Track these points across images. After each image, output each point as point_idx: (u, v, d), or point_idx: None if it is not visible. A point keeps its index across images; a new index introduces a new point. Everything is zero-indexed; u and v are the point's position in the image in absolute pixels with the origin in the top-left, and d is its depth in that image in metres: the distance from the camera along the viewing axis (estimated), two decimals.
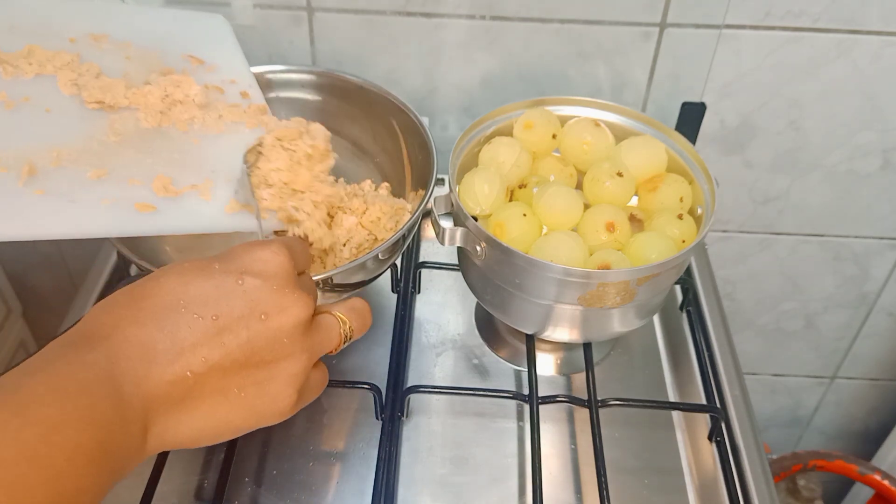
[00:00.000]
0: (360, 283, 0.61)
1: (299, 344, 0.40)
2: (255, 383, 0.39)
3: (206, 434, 0.39)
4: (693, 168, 0.64)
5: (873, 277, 1.00)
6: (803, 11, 0.76)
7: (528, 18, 0.77)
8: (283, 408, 0.41)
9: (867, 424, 1.21)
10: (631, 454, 0.61)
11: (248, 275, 0.39)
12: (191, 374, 0.36)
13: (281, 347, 0.39)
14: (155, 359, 0.36)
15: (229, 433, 0.40)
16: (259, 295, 0.39)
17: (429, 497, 0.57)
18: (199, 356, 0.37)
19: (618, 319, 0.60)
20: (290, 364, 0.40)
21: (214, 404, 0.38)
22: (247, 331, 0.38)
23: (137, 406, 0.35)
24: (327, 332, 0.44)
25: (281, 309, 0.39)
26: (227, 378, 0.38)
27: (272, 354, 0.39)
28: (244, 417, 0.39)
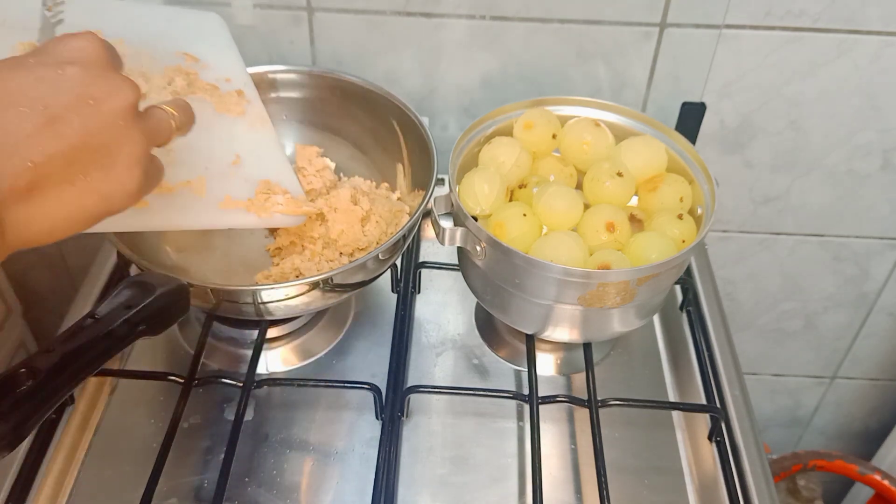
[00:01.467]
0: (359, 283, 0.61)
1: (135, 127, 0.41)
2: (100, 168, 0.40)
3: (61, 223, 0.39)
4: (693, 168, 0.64)
5: (873, 277, 1.00)
6: (803, 11, 0.76)
7: (528, 18, 0.77)
8: (131, 189, 0.41)
9: (867, 424, 1.21)
10: (631, 454, 0.61)
11: (67, 64, 0.39)
12: (31, 163, 0.37)
13: (117, 130, 0.40)
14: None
15: (83, 220, 0.40)
16: (83, 80, 0.39)
17: (429, 497, 0.57)
18: (36, 147, 0.37)
19: (618, 319, 0.60)
20: (130, 146, 0.41)
21: (62, 193, 0.38)
22: (78, 116, 0.38)
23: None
24: (158, 122, 0.44)
25: (108, 93, 0.40)
26: (70, 166, 0.38)
27: (110, 137, 0.40)
28: (95, 202, 0.40)
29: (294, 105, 0.74)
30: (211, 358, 0.66)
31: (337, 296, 0.60)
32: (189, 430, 0.61)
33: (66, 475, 0.58)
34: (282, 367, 0.66)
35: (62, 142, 0.38)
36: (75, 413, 0.62)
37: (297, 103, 0.74)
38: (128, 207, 0.42)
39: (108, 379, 0.65)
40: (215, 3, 0.76)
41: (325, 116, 0.74)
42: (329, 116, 0.74)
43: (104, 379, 0.65)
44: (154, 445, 0.59)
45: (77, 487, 0.58)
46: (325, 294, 0.58)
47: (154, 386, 0.64)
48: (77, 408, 0.62)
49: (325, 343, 0.68)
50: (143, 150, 0.42)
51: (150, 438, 0.60)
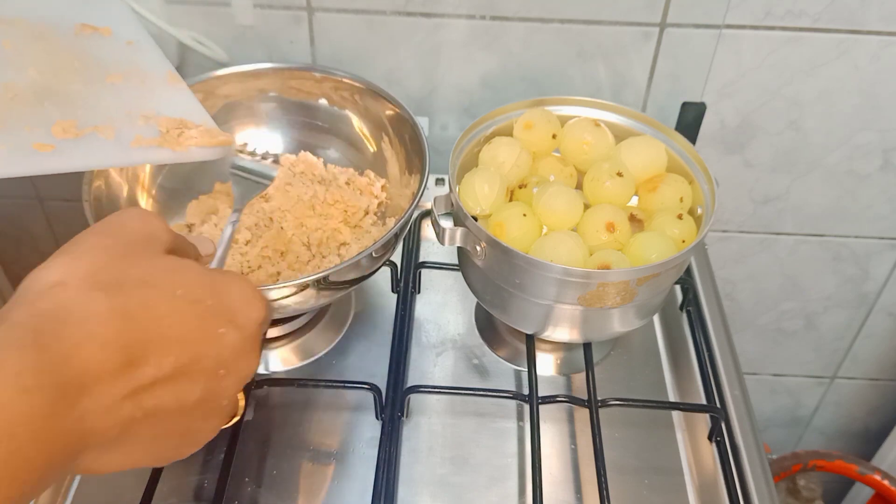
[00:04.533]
0: (355, 279, 0.60)
1: (234, 400, 0.39)
2: (188, 431, 0.37)
3: (127, 465, 0.36)
4: (693, 168, 0.64)
5: (873, 277, 1.00)
6: (803, 11, 0.76)
7: (528, 18, 0.76)
8: (199, 443, 0.39)
9: (867, 424, 1.21)
10: (631, 454, 0.61)
11: (232, 325, 0.37)
12: (140, 414, 0.34)
13: (218, 403, 0.38)
14: (102, 389, 0.32)
15: (168, 450, 0.38)
16: (231, 352, 0.37)
17: (429, 497, 0.57)
18: (151, 396, 0.34)
19: (618, 319, 0.60)
20: (220, 416, 0.39)
21: (145, 443, 0.35)
22: (203, 383, 0.36)
23: (75, 431, 0.31)
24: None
25: (238, 369, 0.37)
26: (165, 423, 0.35)
27: (210, 408, 0.37)
28: (165, 457, 0.38)
29: (288, 105, 0.74)
30: None
31: (331, 293, 0.60)
32: None
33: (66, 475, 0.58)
34: (282, 367, 0.66)
35: (174, 400, 0.35)
36: None
37: (291, 103, 0.74)
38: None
39: None
40: (215, 3, 0.76)
41: (318, 113, 0.74)
42: (322, 114, 0.74)
43: None
44: None
45: (77, 487, 0.58)
46: (320, 292, 0.58)
47: None
48: None
49: (325, 343, 0.68)
50: (225, 419, 0.39)
51: None
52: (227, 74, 0.71)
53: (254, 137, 0.73)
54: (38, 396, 0.30)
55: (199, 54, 0.78)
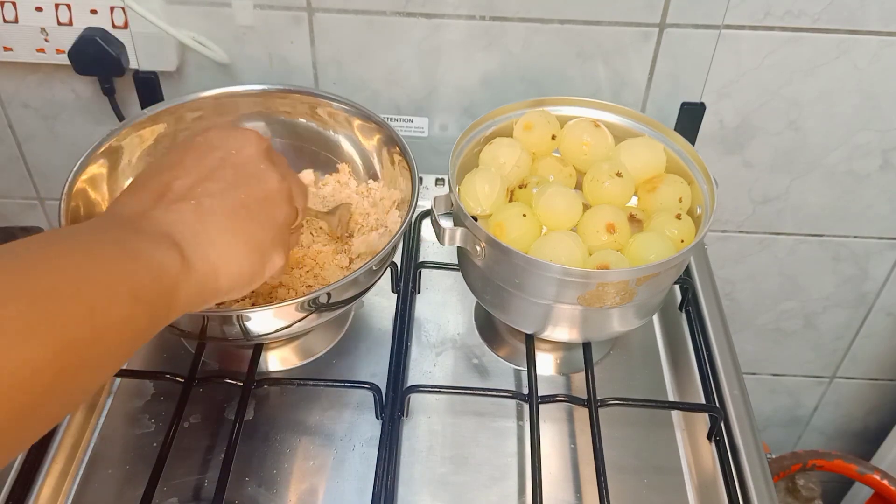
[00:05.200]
0: (352, 297, 0.60)
1: (273, 167, 0.49)
2: (257, 200, 0.46)
3: (241, 251, 0.45)
4: (692, 168, 0.64)
5: (872, 277, 1.00)
6: (803, 11, 0.76)
7: (528, 18, 0.77)
8: (287, 216, 0.49)
9: (866, 424, 1.22)
10: (630, 454, 0.61)
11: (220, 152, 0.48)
12: (194, 201, 0.44)
13: (259, 170, 0.48)
14: (157, 199, 0.44)
15: (260, 249, 0.46)
16: (220, 143, 0.49)
17: (429, 496, 0.58)
18: (195, 190, 0.44)
19: (617, 319, 0.60)
20: (275, 179, 0.48)
21: (232, 219, 0.44)
22: (225, 165, 0.47)
23: (153, 229, 0.41)
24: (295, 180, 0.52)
25: (244, 141, 0.49)
26: (229, 196, 0.45)
27: (257, 173, 0.47)
28: (260, 228, 0.46)
29: (284, 125, 0.73)
30: (211, 357, 0.66)
31: (330, 312, 0.60)
32: (189, 430, 0.61)
33: (66, 475, 0.58)
34: (282, 367, 0.66)
35: (217, 181, 0.46)
36: (75, 413, 0.62)
37: (285, 124, 0.73)
38: (275, 269, 0.48)
39: None
40: (215, 3, 0.76)
41: (309, 132, 0.74)
42: (312, 132, 0.74)
43: None
44: (154, 445, 0.59)
45: (77, 487, 0.58)
46: (320, 313, 0.58)
47: (154, 386, 0.64)
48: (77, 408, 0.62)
49: (325, 343, 0.68)
50: (283, 183, 0.49)
51: (150, 438, 0.60)
52: (213, 95, 0.70)
53: None
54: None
55: (199, 54, 0.78)
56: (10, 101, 0.86)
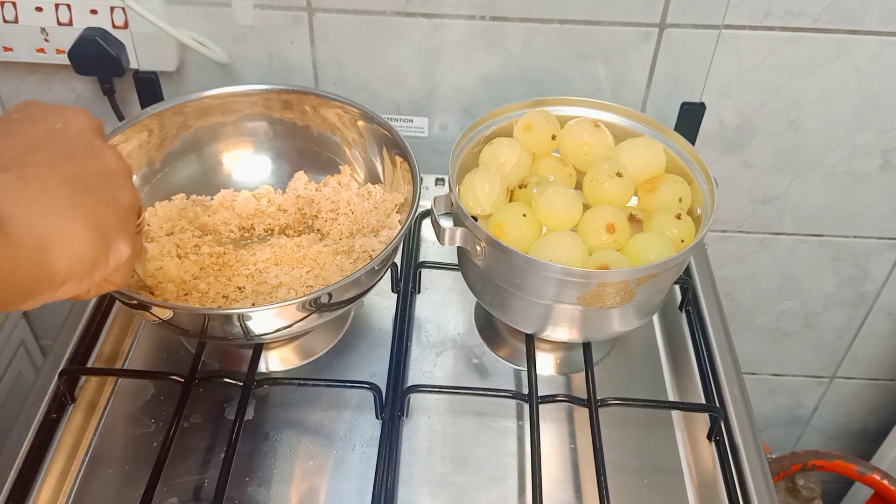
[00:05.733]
0: (353, 297, 0.60)
1: (110, 145, 0.43)
2: (95, 175, 0.41)
3: (79, 226, 0.38)
4: (692, 168, 0.64)
5: (872, 277, 1.00)
6: (803, 11, 0.76)
7: (528, 18, 0.77)
8: (132, 201, 0.43)
9: (866, 424, 1.22)
10: (630, 454, 0.61)
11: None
12: (15, 170, 0.38)
13: (94, 146, 0.42)
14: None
15: (103, 231, 0.40)
16: (43, 117, 0.43)
17: (429, 496, 0.58)
18: (15, 160, 0.39)
19: (617, 319, 0.60)
20: (114, 155, 0.43)
21: (67, 191, 0.39)
22: (51, 138, 0.41)
23: None
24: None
25: (70, 116, 0.43)
26: (61, 167, 0.39)
27: (92, 148, 0.42)
28: (103, 206, 0.40)
29: (279, 125, 0.74)
30: (211, 357, 0.66)
31: (331, 312, 0.60)
32: (189, 430, 0.61)
33: (67, 475, 0.58)
34: (282, 367, 0.66)
35: (43, 150, 0.40)
36: (75, 413, 0.62)
37: (281, 123, 0.73)
38: (121, 259, 0.41)
39: (108, 379, 0.65)
40: (215, 3, 0.76)
41: (304, 139, 0.74)
42: (307, 139, 0.74)
43: (104, 379, 0.65)
44: (154, 445, 0.59)
45: (77, 487, 0.58)
46: (321, 314, 0.58)
47: (154, 386, 0.64)
48: (77, 408, 0.62)
49: (325, 342, 0.68)
50: (121, 160, 0.43)
51: (150, 438, 0.60)
52: (214, 95, 0.70)
53: (241, 159, 0.74)
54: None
55: (199, 54, 0.78)
56: (10, 101, 0.86)
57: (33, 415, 0.60)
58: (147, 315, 0.56)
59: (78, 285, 0.39)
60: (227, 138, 0.73)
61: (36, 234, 0.36)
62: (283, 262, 0.65)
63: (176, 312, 0.55)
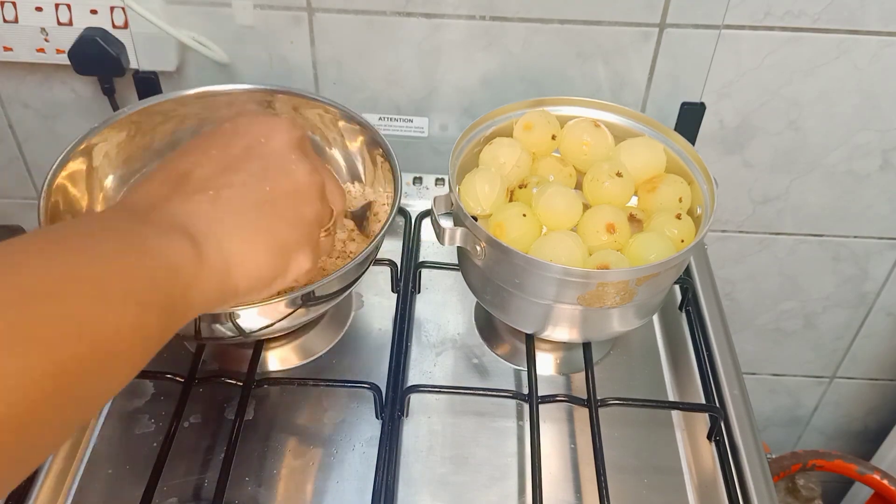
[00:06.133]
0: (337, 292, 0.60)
1: (305, 159, 0.45)
2: (284, 193, 0.43)
3: (260, 248, 0.41)
4: (692, 168, 0.64)
5: (872, 277, 1.00)
6: (803, 11, 0.76)
7: (528, 18, 0.77)
8: (318, 214, 0.45)
9: (866, 424, 1.22)
10: (630, 454, 0.61)
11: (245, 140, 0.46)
12: (212, 191, 0.41)
13: (289, 161, 0.44)
14: (172, 189, 0.41)
15: (284, 248, 0.43)
16: (251, 130, 0.45)
17: (429, 496, 0.58)
18: (214, 180, 0.42)
19: (617, 319, 0.60)
20: (305, 171, 0.45)
21: (254, 213, 0.42)
22: (251, 155, 0.44)
23: (164, 221, 0.39)
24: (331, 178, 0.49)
25: (273, 130, 0.45)
26: (253, 189, 0.42)
27: (286, 165, 0.44)
28: (285, 225, 0.43)
29: None
30: (211, 357, 0.66)
31: (320, 306, 0.60)
32: (189, 430, 0.61)
33: (67, 475, 0.58)
34: (282, 367, 0.66)
35: (238, 172, 0.43)
36: None
37: None
38: (301, 271, 0.44)
39: None
40: (215, 3, 0.76)
41: None
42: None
43: None
44: (154, 445, 0.59)
45: (77, 487, 0.58)
46: (309, 309, 0.58)
47: (154, 385, 0.64)
48: None
49: (325, 342, 0.68)
50: (315, 175, 0.45)
51: (150, 438, 0.60)
52: (194, 94, 0.69)
53: None
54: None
55: (199, 54, 0.78)
56: (10, 101, 0.86)
57: None
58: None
59: (259, 295, 0.43)
60: None
61: (224, 256, 0.40)
62: None
63: None
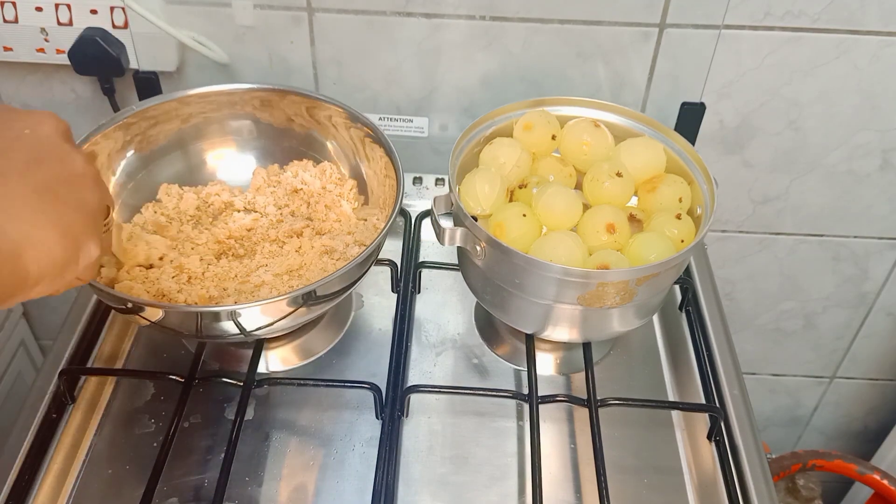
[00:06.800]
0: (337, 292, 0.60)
1: (77, 148, 0.44)
2: (61, 180, 0.42)
3: (49, 232, 0.40)
4: (692, 168, 0.64)
5: (872, 277, 1.00)
6: (803, 11, 0.76)
7: (528, 18, 0.77)
8: (100, 202, 0.44)
9: (866, 424, 1.22)
10: (630, 454, 0.61)
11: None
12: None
13: (62, 150, 0.43)
14: None
15: (72, 233, 0.41)
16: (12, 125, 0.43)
17: (429, 496, 0.58)
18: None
19: (617, 319, 0.60)
20: (80, 159, 0.44)
21: (35, 198, 0.40)
22: (21, 145, 0.42)
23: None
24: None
25: (37, 121, 0.43)
26: (28, 175, 0.40)
27: (59, 153, 0.43)
28: (70, 210, 0.42)
29: (255, 124, 0.73)
30: (211, 357, 0.66)
31: (320, 307, 0.60)
32: (189, 430, 0.61)
33: (67, 475, 0.58)
34: (282, 367, 0.66)
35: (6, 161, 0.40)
36: (75, 413, 0.62)
37: (258, 123, 0.73)
38: (90, 259, 0.43)
39: (108, 379, 0.65)
40: (216, 3, 0.76)
41: (289, 138, 0.74)
42: (291, 137, 0.74)
43: (104, 379, 0.65)
44: (154, 445, 0.59)
45: (77, 487, 0.58)
46: (310, 308, 0.58)
47: (154, 385, 0.64)
48: (77, 408, 0.62)
49: (326, 343, 0.68)
50: (89, 165, 0.44)
51: (150, 438, 0.60)
52: (197, 94, 0.70)
53: (225, 157, 0.74)
54: None
55: (199, 54, 0.78)
56: (10, 101, 0.86)
57: (33, 415, 0.60)
58: (139, 319, 0.56)
59: (50, 286, 0.41)
60: (211, 136, 0.73)
61: (9, 239, 0.38)
62: (269, 261, 0.65)
63: (167, 313, 0.55)
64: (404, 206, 0.78)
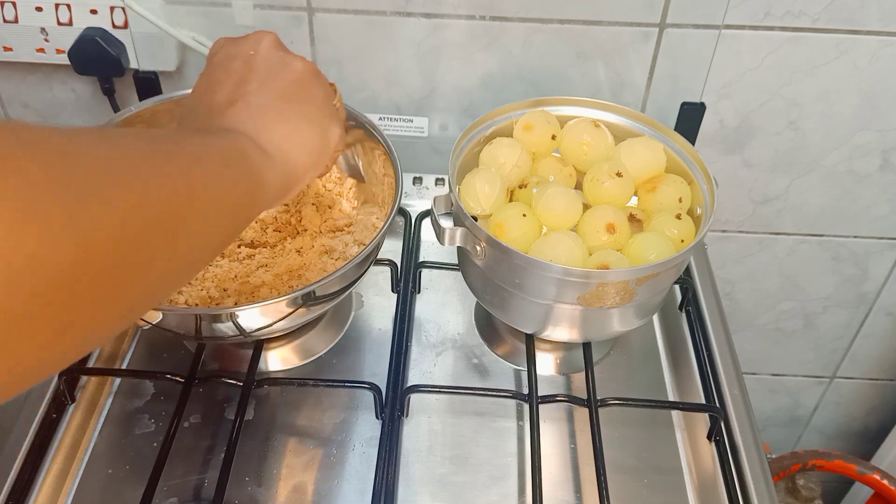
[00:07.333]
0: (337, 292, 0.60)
1: (291, 52, 0.51)
2: (292, 83, 0.49)
3: (302, 130, 0.48)
4: (692, 168, 0.64)
5: (872, 277, 1.00)
6: (803, 11, 0.76)
7: (527, 18, 0.77)
8: (326, 91, 0.51)
9: (866, 424, 1.22)
10: (630, 454, 0.61)
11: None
12: (240, 101, 0.46)
13: (281, 59, 0.50)
14: (208, 115, 0.47)
15: (317, 122, 0.49)
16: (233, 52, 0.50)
17: (429, 496, 0.58)
18: (236, 93, 0.47)
19: (617, 319, 0.60)
20: (298, 62, 0.50)
21: (280, 105, 0.47)
22: (251, 66, 0.49)
23: (221, 130, 0.44)
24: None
25: (255, 41, 0.50)
26: (268, 88, 0.48)
27: (281, 62, 0.49)
28: (308, 105, 0.49)
29: None
30: (211, 357, 0.66)
31: (320, 307, 0.60)
32: (189, 430, 0.61)
33: (67, 475, 0.58)
34: (282, 367, 0.66)
35: (251, 80, 0.48)
36: (75, 413, 0.62)
37: None
38: (336, 137, 0.50)
39: (108, 379, 0.65)
40: (216, 3, 0.76)
41: None
42: None
43: (104, 379, 0.65)
44: (154, 445, 0.59)
45: (77, 487, 0.58)
46: (309, 309, 0.58)
47: (154, 386, 0.64)
48: (77, 408, 0.62)
49: (326, 342, 0.68)
50: (309, 64, 0.50)
51: (150, 438, 0.60)
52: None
53: None
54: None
55: (199, 54, 0.78)
56: (10, 101, 0.86)
57: (33, 415, 0.60)
58: (138, 321, 0.56)
59: (315, 170, 0.49)
60: None
61: (278, 146, 0.45)
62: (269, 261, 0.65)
63: (166, 315, 0.55)
64: (404, 206, 0.78)
